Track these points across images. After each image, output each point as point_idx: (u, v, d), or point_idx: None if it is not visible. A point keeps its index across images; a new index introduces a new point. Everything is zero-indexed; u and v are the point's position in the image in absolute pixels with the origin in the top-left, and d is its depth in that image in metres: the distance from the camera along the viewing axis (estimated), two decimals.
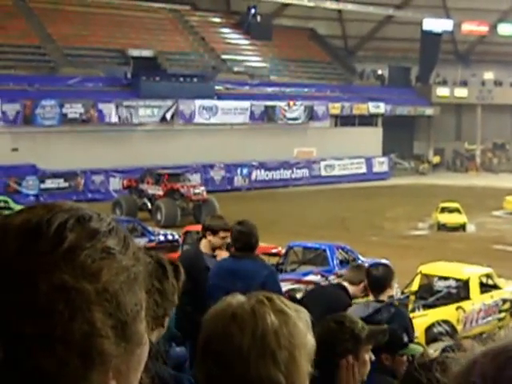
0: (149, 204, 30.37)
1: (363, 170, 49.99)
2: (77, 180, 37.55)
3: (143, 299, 0.94)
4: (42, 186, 35.98)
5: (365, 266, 6.88)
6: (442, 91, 58.92)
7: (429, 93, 58.06)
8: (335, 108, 49.60)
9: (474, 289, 15.15)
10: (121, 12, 47.96)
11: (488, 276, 15.88)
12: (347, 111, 50.26)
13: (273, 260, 18.16)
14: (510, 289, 15.88)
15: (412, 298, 15.22)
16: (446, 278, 15.58)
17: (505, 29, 61.08)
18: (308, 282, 15.08)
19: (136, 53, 43.98)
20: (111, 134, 39.01)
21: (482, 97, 59.54)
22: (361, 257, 17.40)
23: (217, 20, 54.06)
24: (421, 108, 57.00)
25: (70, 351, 0.83)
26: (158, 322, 2.98)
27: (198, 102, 42.83)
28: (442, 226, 29.18)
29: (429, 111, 57.57)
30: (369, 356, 3.60)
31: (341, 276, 8.60)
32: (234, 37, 53.29)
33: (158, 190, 30.54)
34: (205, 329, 1.60)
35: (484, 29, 61.13)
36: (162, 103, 41.43)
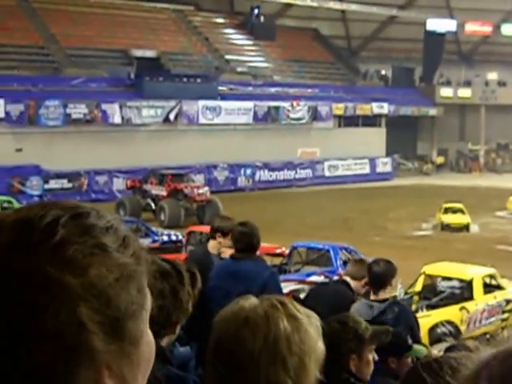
0: (152, 204, 30.36)
1: (367, 170, 49.95)
2: (80, 180, 37.57)
3: (144, 300, 0.93)
4: (46, 186, 36.00)
5: (367, 260, 6.78)
6: (446, 91, 58.83)
7: (432, 93, 57.97)
8: (339, 108, 49.55)
9: (478, 289, 15.13)
10: (124, 12, 47.95)
11: (491, 276, 15.86)
12: (351, 111, 50.21)
13: (276, 260, 18.18)
14: None
15: (415, 298, 15.20)
16: (450, 279, 15.57)
17: (508, 29, 61.00)
18: (312, 283, 15.06)
19: (139, 53, 43.97)
20: (115, 135, 39.02)
21: (486, 97, 59.44)
22: (364, 257, 17.38)
23: (220, 20, 54.04)
24: (424, 108, 56.92)
25: (55, 345, 0.83)
26: (170, 329, 2.96)
27: (202, 102, 42.82)
28: (445, 227, 29.14)
29: (432, 111, 57.49)
30: (372, 356, 3.66)
31: None
32: (237, 37, 53.28)
33: (161, 191, 30.54)
34: (216, 330, 1.61)
35: (488, 29, 61.04)
36: (165, 104, 41.43)
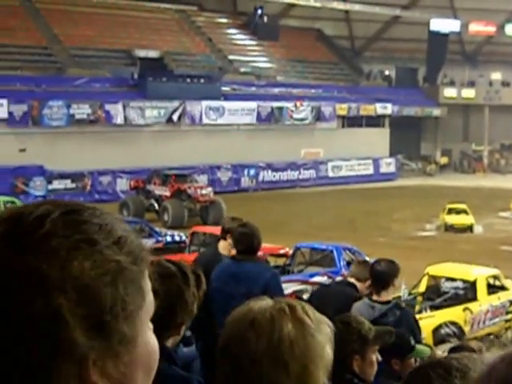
0: (156, 205, 30.35)
1: (370, 170, 49.91)
2: (84, 181, 37.56)
3: (142, 301, 0.93)
4: (50, 186, 35.98)
5: (369, 262, 6.70)
6: (450, 92, 58.75)
7: (436, 93, 57.92)
8: (342, 109, 49.51)
9: (482, 290, 15.12)
10: (127, 13, 47.96)
11: (495, 277, 15.85)
12: (354, 112, 50.16)
13: (280, 261, 18.17)
14: None
15: (419, 299, 15.22)
16: (454, 280, 15.57)
17: None
18: (315, 283, 15.06)
19: (142, 53, 44.00)
20: (118, 135, 39.03)
21: (490, 97, 59.38)
22: (368, 258, 17.37)
23: (223, 20, 54.03)
24: (428, 109, 56.88)
25: (31, 334, 0.84)
26: (175, 330, 2.96)
27: (205, 102, 42.80)
28: (449, 227, 29.12)
29: (436, 112, 57.44)
30: (375, 357, 3.66)
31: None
32: (240, 37, 53.27)
33: (165, 191, 30.52)
34: (225, 330, 1.63)
35: (491, 29, 60.93)
36: (168, 104, 41.42)
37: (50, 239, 0.87)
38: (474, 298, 15.01)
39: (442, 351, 10.27)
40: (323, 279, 15.39)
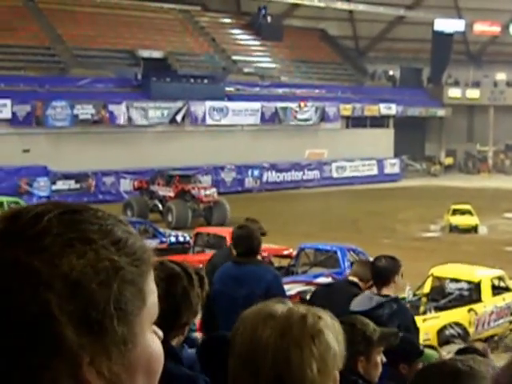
0: (160, 205, 30.34)
1: (374, 171, 49.86)
2: (88, 181, 37.56)
3: (142, 303, 0.91)
4: (54, 187, 35.97)
5: (372, 263, 6.69)
6: (454, 92, 58.69)
7: (440, 94, 57.86)
8: (346, 109, 49.48)
9: (486, 291, 15.11)
10: (131, 13, 48.00)
11: (500, 278, 15.84)
12: (358, 112, 50.12)
13: (284, 262, 18.15)
14: None
15: (424, 300, 15.21)
16: (458, 281, 15.56)
17: None
18: (319, 284, 15.01)
19: (146, 54, 44.04)
20: (122, 136, 39.03)
21: (494, 98, 59.27)
22: (372, 259, 17.31)
23: (227, 21, 54.06)
24: (432, 109, 56.82)
25: (20, 330, 0.84)
26: (179, 330, 2.99)
27: (209, 103, 42.79)
28: (453, 228, 29.09)
29: (440, 112, 57.38)
30: (380, 358, 3.66)
31: None
32: (244, 38, 53.29)
33: (168, 192, 30.51)
34: (237, 324, 1.65)
35: (496, 29, 60.88)
36: (172, 104, 41.41)
37: (43, 236, 0.87)
38: (479, 299, 15.00)
39: (446, 352, 10.24)
40: (327, 280, 15.33)
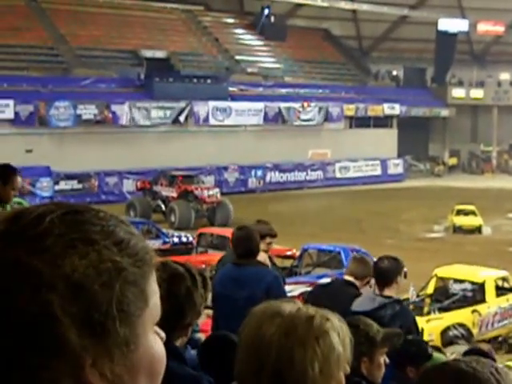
0: (163, 206, 30.33)
1: (378, 171, 49.77)
2: (91, 182, 37.55)
3: (144, 304, 0.90)
4: (56, 187, 35.95)
5: (368, 260, 6.61)
6: (458, 92, 58.58)
7: (444, 94, 57.74)
8: (350, 109, 49.40)
9: (490, 292, 15.08)
10: (134, 13, 47.96)
11: (504, 279, 15.82)
12: (362, 112, 50.05)
13: (287, 262, 18.10)
14: None
15: (427, 300, 15.17)
16: (462, 281, 15.53)
17: None
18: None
19: (149, 54, 44.00)
20: (125, 136, 38.99)
21: (498, 98, 59.16)
22: (375, 259, 17.25)
23: (230, 20, 54.00)
24: (436, 109, 56.73)
25: (21, 331, 0.83)
26: (183, 330, 3.01)
27: (212, 103, 42.75)
28: (457, 229, 29.06)
29: (444, 112, 57.28)
30: (383, 359, 3.65)
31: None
32: (247, 37, 53.23)
33: (171, 192, 30.48)
34: (245, 321, 1.67)
35: (500, 29, 60.76)
36: (175, 104, 41.36)
37: (45, 237, 0.86)
38: (483, 300, 14.97)
39: (450, 353, 10.18)
40: None
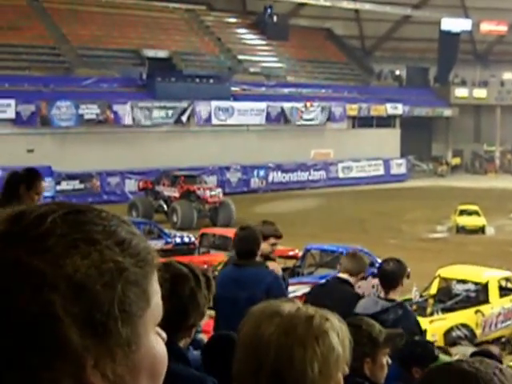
0: (165, 206, 30.32)
1: (381, 171, 49.73)
2: (92, 182, 37.53)
3: (145, 304, 0.90)
4: (58, 187, 35.90)
5: (361, 255, 6.62)
6: (461, 92, 58.52)
7: (447, 93, 57.67)
8: (352, 109, 49.35)
9: (493, 292, 15.04)
10: (136, 12, 47.97)
11: (507, 279, 15.80)
12: (365, 112, 50.00)
13: (290, 263, 18.04)
14: None
15: (430, 301, 15.13)
16: (465, 282, 15.49)
17: None
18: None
19: (151, 53, 43.98)
20: (127, 136, 38.98)
21: (502, 97, 59.14)
22: (379, 260, 17.18)
23: (232, 20, 54.00)
24: (439, 109, 56.67)
25: (23, 332, 0.83)
26: (186, 331, 3.00)
27: (214, 103, 42.71)
28: (460, 229, 29.03)
29: (447, 112, 57.22)
30: (386, 359, 3.63)
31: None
32: (250, 37, 53.20)
33: (173, 192, 30.46)
34: (244, 320, 1.67)
35: (503, 28, 60.75)
36: (177, 104, 41.34)
37: (47, 237, 0.86)
38: (486, 301, 14.94)
39: (454, 354, 10.09)
40: None
